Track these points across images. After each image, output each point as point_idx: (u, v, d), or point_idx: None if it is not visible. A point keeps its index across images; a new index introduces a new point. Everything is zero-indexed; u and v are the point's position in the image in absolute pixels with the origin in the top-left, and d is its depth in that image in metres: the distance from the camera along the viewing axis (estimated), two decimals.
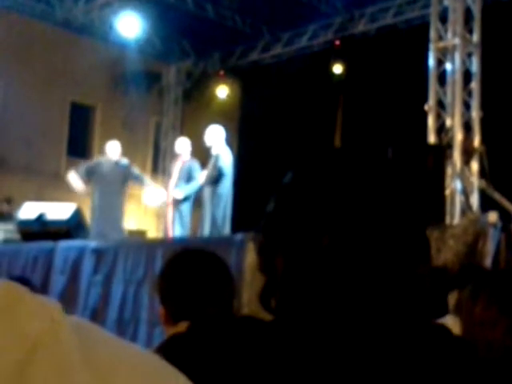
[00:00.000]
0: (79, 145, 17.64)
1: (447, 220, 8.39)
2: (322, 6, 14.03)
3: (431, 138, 9.69)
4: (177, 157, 10.74)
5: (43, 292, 6.40)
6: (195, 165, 10.31)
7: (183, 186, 10.23)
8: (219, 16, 14.74)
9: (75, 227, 9.09)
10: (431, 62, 10.05)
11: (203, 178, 9.75)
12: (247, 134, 17.03)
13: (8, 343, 0.52)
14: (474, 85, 9.93)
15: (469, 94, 9.94)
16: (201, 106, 16.76)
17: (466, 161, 9.48)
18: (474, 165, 9.57)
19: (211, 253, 2.55)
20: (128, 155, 10.89)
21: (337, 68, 14.56)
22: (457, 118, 9.67)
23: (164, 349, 2.09)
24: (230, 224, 9.76)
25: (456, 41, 9.87)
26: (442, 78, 10.00)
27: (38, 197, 12.95)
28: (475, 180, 9.48)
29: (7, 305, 0.54)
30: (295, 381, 1.03)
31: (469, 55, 10.01)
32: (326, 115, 15.37)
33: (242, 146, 16.37)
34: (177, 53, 16.78)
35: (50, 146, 16.71)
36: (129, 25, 13.76)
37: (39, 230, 8.90)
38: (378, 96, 14.15)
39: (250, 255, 5.99)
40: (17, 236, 10.03)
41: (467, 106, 9.90)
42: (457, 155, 9.38)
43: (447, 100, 9.88)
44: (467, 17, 10.01)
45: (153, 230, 15.48)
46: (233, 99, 16.62)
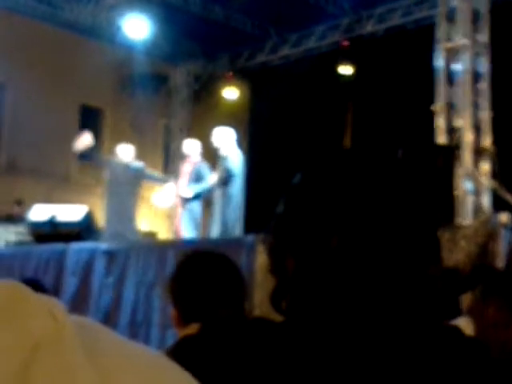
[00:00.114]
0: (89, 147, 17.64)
1: (459, 221, 8.37)
2: (330, 7, 14.01)
3: (441, 139, 9.66)
4: (186, 158, 10.74)
5: (55, 294, 6.40)
6: (204, 166, 10.30)
7: (192, 186, 10.23)
8: (227, 18, 14.73)
9: (86, 229, 9.10)
10: (440, 63, 10.02)
11: (214, 180, 9.74)
12: (256, 136, 17.01)
13: (12, 342, 0.52)
14: (483, 85, 9.90)
15: (478, 95, 9.91)
16: (209, 108, 16.75)
17: (477, 161, 9.45)
18: (485, 165, 9.54)
19: (222, 254, 2.55)
20: (138, 157, 10.90)
21: (345, 69, 14.53)
22: (466, 119, 9.64)
23: (175, 350, 2.09)
24: (243, 225, 9.74)
25: (464, 41, 9.84)
26: (451, 79, 9.97)
27: (48, 199, 12.97)
28: (486, 180, 9.44)
29: (11, 305, 0.54)
30: (306, 382, 1.03)
31: (477, 55, 9.98)
32: (335, 116, 15.35)
33: (251, 148, 16.34)
34: (185, 55, 16.79)
35: (60, 149, 16.72)
36: (136, 27, 13.76)
37: (51, 232, 8.92)
38: (387, 97, 14.12)
39: (261, 257, 5.99)
40: (28, 238, 10.06)
41: (477, 107, 9.87)
42: (467, 156, 9.35)
43: (456, 101, 9.85)
44: (475, 17, 9.98)
45: (163, 232, 15.49)
46: (241, 101, 16.61)
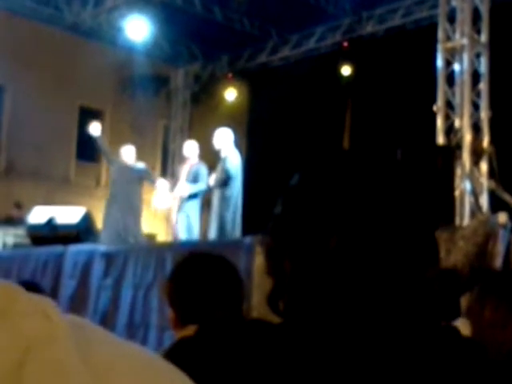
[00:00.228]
0: (88, 149, 17.63)
1: (457, 221, 8.37)
2: (330, 8, 14.02)
3: (440, 139, 9.67)
4: (185, 160, 10.75)
5: (53, 296, 6.41)
6: (202, 167, 10.31)
7: (189, 186, 10.23)
8: (227, 19, 14.75)
9: (85, 231, 9.11)
10: (439, 63, 10.03)
11: (212, 181, 9.75)
12: (256, 137, 17.02)
13: (4, 343, 0.51)
14: (483, 85, 9.90)
15: (477, 95, 9.91)
16: (209, 109, 16.77)
17: (476, 161, 9.45)
18: (484, 165, 9.54)
19: (220, 256, 2.55)
20: (137, 158, 10.91)
21: (345, 70, 14.56)
22: (465, 119, 9.64)
23: (172, 352, 2.09)
24: (241, 227, 9.74)
25: (464, 41, 9.84)
26: (451, 79, 9.97)
27: (47, 201, 12.98)
28: (485, 181, 9.45)
29: (4, 305, 0.53)
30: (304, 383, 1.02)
31: (477, 55, 9.99)
32: (335, 117, 15.37)
33: (251, 149, 16.36)
34: (185, 56, 16.81)
35: (59, 151, 16.76)
36: (137, 28, 13.79)
37: (49, 235, 8.92)
38: (387, 97, 14.14)
39: (259, 258, 5.99)
40: (27, 240, 10.07)
41: (476, 107, 9.87)
42: (466, 156, 9.35)
43: (456, 101, 9.86)
44: (475, 17, 9.98)
45: (162, 234, 15.50)
46: (241, 102, 16.63)
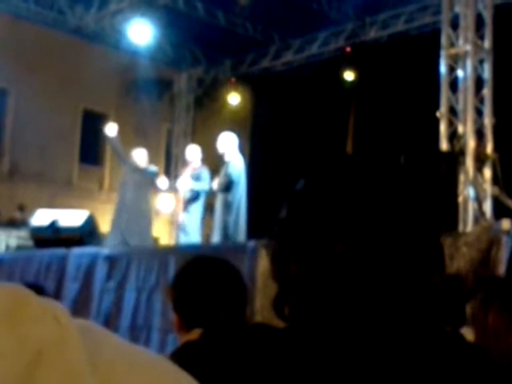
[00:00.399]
0: (91, 152, 17.70)
1: (460, 227, 8.36)
2: (333, 13, 14.03)
3: (443, 145, 9.66)
4: (187, 164, 10.75)
5: (56, 299, 6.40)
6: (205, 171, 10.30)
7: (191, 182, 10.22)
8: (230, 23, 14.77)
9: (88, 234, 9.10)
10: (443, 69, 10.02)
11: (215, 185, 9.74)
12: (259, 141, 17.03)
13: (15, 347, 0.52)
14: (486, 91, 9.90)
15: (481, 101, 9.91)
16: (212, 113, 16.78)
17: (479, 168, 9.44)
18: (487, 172, 9.53)
19: (224, 260, 2.55)
20: None
21: (348, 75, 14.56)
22: (469, 125, 9.63)
23: (177, 356, 2.09)
24: (245, 231, 9.73)
25: (467, 47, 9.84)
26: (454, 85, 9.97)
27: (51, 204, 12.99)
28: (488, 187, 9.43)
29: (13, 309, 0.54)
30: None
31: (480, 61, 9.98)
32: (338, 122, 15.36)
33: (254, 153, 16.37)
34: (188, 60, 16.82)
35: (62, 154, 16.78)
36: (140, 32, 13.80)
37: (52, 237, 8.92)
38: (390, 103, 14.13)
39: (263, 262, 5.98)
40: (30, 243, 10.07)
41: (479, 113, 9.87)
42: (469, 162, 9.34)
43: (459, 107, 9.85)
44: (478, 23, 9.98)
45: (165, 237, 15.51)
46: (244, 106, 16.63)
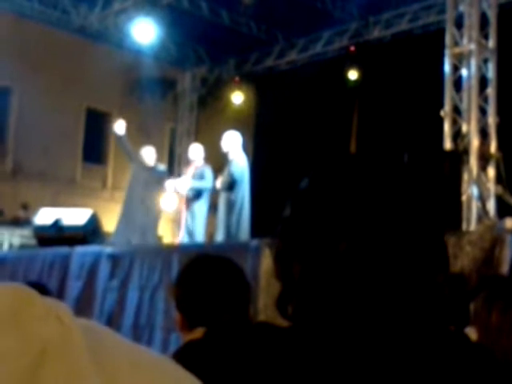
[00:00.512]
0: (95, 151, 17.73)
1: (464, 226, 8.35)
2: (337, 13, 14.02)
3: (447, 144, 9.65)
4: (190, 163, 10.76)
5: (59, 297, 6.42)
6: (207, 169, 10.30)
7: (192, 182, 10.24)
8: (234, 22, 14.77)
9: (91, 233, 9.11)
10: (447, 68, 10.01)
11: (219, 184, 9.74)
12: (262, 140, 17.03)
13: (19, 347, 0.52)
14: (490, 90, 9.89)
15: (485, 100, 9.90)
16: (216, 113, 16.79)
17: (483, 167, 9.43)
18: (491, 171, 9.52)
19: (227, 259, 2.54)
20: None
21: (352, 74, 14.56)
22: (473, 124, 9.62)
23: (180, 355, 2.09)
24: (249, 230, 9.73)
25: (472, 46, 9.82)
26: (458, 84, 9.96)
27: (54, 203, 13.01)
28: (492, 186, 9.43)
29: (17, 308, 0.54)
30: None
31: (485, 61, 9.97)
32: (342, 121, 15.36)
33: (257, 152, 16.37)
34: (192, 59, 16.83)
35: (66, 153, 16.79)
36: (144, 31, 13.80)
37: (55, 236, 8.93)
38: (394, 102, 14.12)
39: (266, 261, 5.98)
40: (33, 241, 10.09)
41: (483, 112, 9.85)
42: (473, 161, 9.34)
43: (463, 106, 9.84)
44: (483, 22, 9.96)
45: (168, 236, 15.50)
46: (248, 105, 16.64)
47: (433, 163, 7.72)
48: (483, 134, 9.69)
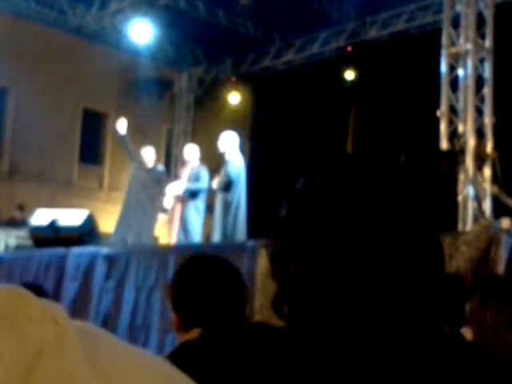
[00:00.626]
0: (91, 151, 17.72)
1: (460, 226, 8.36)
2: (334, 13, 14.04)
3: (443, 144, 9.66)
4: (186, 163, 10.76)
5: (55, 299, 6.41)
6: (203, 170, 10.30)
7: (187, 185, 10.24)
8: (231, 23, 14.77)
9: (87, 233, 9.11)
10: (443, 68, 10.03)
11: (215, 184, 9.74)
12: (259, 141, 17.04)
13: (14, 349, 0.52)
14: (487, 90, 9.90)
15: (481, 100, 9.91)
16: (212, 113, 16.79)
17: (479, 167, 9.45)
18: (487, 171, 9.54)
19: (223, 259, 2.54)
20: None
21: (349, 74, 14.57)
22: (469, 124, 9.64)
23: (176, 355, 2.09)
24: (245, 230, 9.73)
25: (468, 46, 9.84)
26: (455, 84, 9.97)
27: (50, 203, 13.00)
28: (488, 186, 9.44)
29: (12, 310, 0.53)
30: None
31: (481, 61, 9.99)
32: (338, 121, 15.38)
33: (254, 152, 16.38)
34: (188, 59, 16.83)
35: (62, 153, 16.79)
36: (141, 31, 13.81)
37: (51, 237, 8.92)
38: (390, 102, 14.14)
39: (262, 261, 5.98)
40: (29, 242, 10.08)
41: (479, 112, 9.87)
42: (469, 161, 9.35)
43: (459, 106, 9.86)
44: (479, 22, 9.98)
45: (164, 237, 15.50)
46: (244, 106, 16.64)
47: (429, 163, 7.72)
48: (479, 134, 9.71)
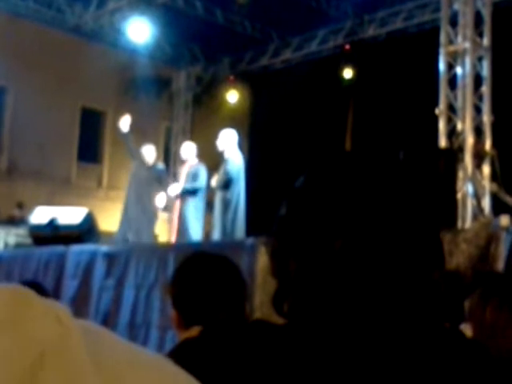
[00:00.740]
0: (90, 150, 17.71)
1: (459, 224, 8.37)
2: (332, 11, 14.02)
3: (442, 142, 9.66)
4: (184, 162, 10.75)
5: (55, 296, 6.41)
6: (201, 168, 10.29)
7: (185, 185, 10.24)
8: (229, 21, 14.76)
9: (87, 231, 9.10)
10: (442, 66, 10.02)
11: (214, 182, 9.74)
12: (257, 139, 17.02)
13: (18, 349, 0.52)
14: (485, 89, 9.90)
15: (479, 98, 9.91)
16: (211, 111, 16.78)
17: (478, 164, 9.45)
18: (486, 168, 9.54)
19: (223, 257, 2.54)
20: None
21: (347, 72, 14.56)
22: (468, 122, 9.64)
23: (176, 353, 2.09)
24: (244, 228, 9.72)
25: (466, 45, 9.84)
26: (453, 82, 9.97)
27: (49, 202, 12.98)
28: (487, 184, 9.44)
29: (15, 309, 0.54)
30: None
31: (479, 59, 9.98)
32: (337, 119, 15.36)
33: (253, 151, 16.35)
34: (187, 58, 16.81)
35: (61, 152, 16.77)
36: (139, 30, 13.79)
37: (51, 235, 8.92)
38: (389, 100, 14.13)
39: (262, 259, 5.98)
40: (28, 240, 10.07)
41: (478, 110, 9.87)
42: (468, 159, 9.36)
43: (458, 104, 9.86)
44: (477, 20, 9.98)
45: (164, 235, 15.50)
46: (243, 104, 16.63)
47: (428, 161, 7.73)
48: (478, 132, 9.71)
